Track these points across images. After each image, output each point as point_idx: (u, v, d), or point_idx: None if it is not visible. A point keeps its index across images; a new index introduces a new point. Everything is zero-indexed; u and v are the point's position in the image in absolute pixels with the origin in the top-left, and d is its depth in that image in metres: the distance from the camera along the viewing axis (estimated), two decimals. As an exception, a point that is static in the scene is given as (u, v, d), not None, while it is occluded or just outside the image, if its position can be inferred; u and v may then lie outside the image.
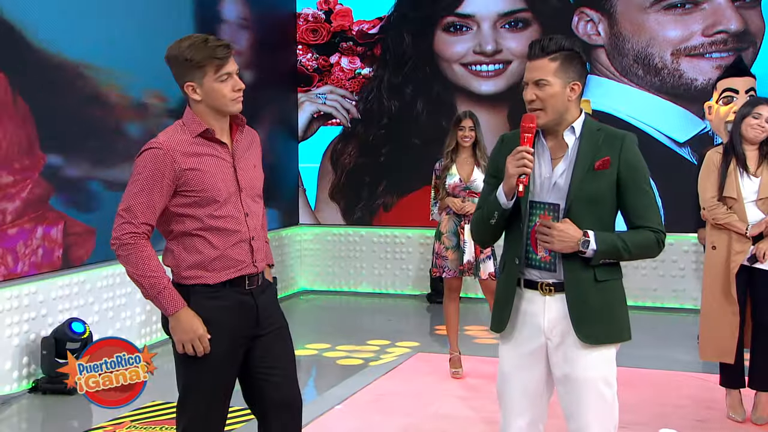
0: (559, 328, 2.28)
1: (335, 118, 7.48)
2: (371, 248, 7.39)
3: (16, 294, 4.32)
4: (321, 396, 4.41)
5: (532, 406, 2.35)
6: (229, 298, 2.42)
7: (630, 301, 2.11)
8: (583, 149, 2.27)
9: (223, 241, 2.40)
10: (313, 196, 7.57)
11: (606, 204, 2.27)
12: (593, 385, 2.26)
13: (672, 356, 5.12)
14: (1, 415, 4.07)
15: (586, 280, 2.25)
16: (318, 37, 7.50)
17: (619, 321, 2.31)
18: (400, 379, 4.64)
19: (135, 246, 2.35)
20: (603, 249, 2.22)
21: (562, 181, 2.27)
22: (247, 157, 2.50)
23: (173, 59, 2.38)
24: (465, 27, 7.04)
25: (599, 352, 2.26)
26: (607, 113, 6.65)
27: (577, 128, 2.30)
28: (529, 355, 2.33)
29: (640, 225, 2.27)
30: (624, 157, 2.27)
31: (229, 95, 2.38)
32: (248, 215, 2.45)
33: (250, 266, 2.45)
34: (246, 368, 2.49)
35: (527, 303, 2.32)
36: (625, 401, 4.12)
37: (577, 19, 6.77)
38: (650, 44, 6.58)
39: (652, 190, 2.32)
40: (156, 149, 2.36)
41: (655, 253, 2.31)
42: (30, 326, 4.38)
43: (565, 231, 2.21)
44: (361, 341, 5.59)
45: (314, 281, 7.56)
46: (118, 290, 5.08)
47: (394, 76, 7.27)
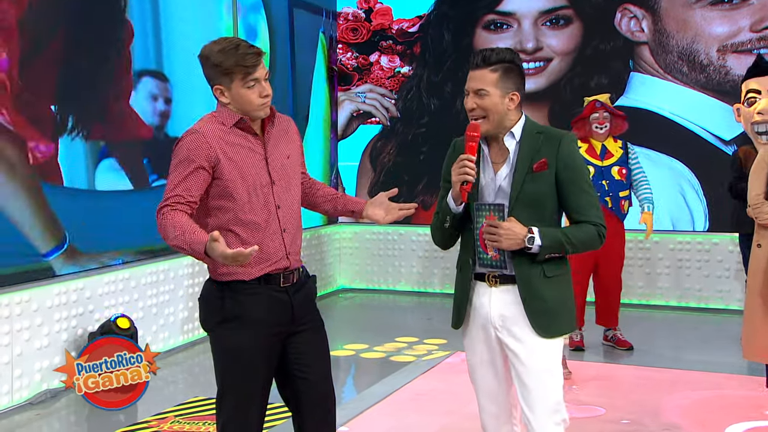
0: (504, 319, 2.42)
1: (374, 117, 7.51)
2: (410, 247, 7.40)
3: (63, 290, 4.43)
4: (359, 394, 4.43)
5: (499, 393, 2.51)
6: (264, 294, 2.44)
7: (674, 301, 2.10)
8: (523, 152, 2.40)
9: (253, 234, 2.42)
10: (352, 194, 7.60)
11: (547, 203, 2.40)
12: (539, 374, 2.39)
13: (717, 359, 5.03)
14: (51, 408, 4.18)
15: (536, 276, 2.38)
16: (358, 36, 7.53)
17: (569, 313, 2.45)
18: (438, 378, 4.64)
19: (163, 215, 2.35)
20: (547, 244, 2.35)
21: (505, 184, 2.41)
22: (280, 147, 2.50)
23: (204, 60, 2.42)
24: (505, 25, 7.00)
25: (548, 343, 2.40)
26: (651, 111, 6.55)
27: (516, 133, 2.43)
28: (484, 345, 2.48)
29: (580, 220, 2.41)
30: (561, 157, 2.39)
31: (255, 102, 2.40)
32: (280, 207, 2.47)
33: (284, 259, 2.47)
34: (281, 365, 2.52)
35: (477, 296, 2.48)
36: (669, 404, 4.08)
37: (620, 15, 6.67)
38: (695, 40, 6.46)
39: (592, 187, 2.43)
40: (193, 134, 2.40)
41: (597, 246, 2.44)
42: (78, 322, 4.49)
43: (511, 229, 2.34)
44: (400, 339, 5.60)
45: (353, 279, 7.59)
46: (162, 287, 5.18)
47: (433, 74, 7.27)
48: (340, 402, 4.45)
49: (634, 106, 6.45)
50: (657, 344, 5.40)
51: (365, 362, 5.14)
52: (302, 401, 2.52)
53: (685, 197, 6.55)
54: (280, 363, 2.52)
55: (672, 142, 6.55)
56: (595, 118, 5.05)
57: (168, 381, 4.67)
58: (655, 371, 4.75)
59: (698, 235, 6.50)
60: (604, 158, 5.06)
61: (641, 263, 6.59)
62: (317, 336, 2.56)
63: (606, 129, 5.06)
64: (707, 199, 6.45)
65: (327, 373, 2.57)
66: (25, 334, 4.18)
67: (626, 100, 6.54)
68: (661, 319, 6.22)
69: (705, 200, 6.48)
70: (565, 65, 6.82)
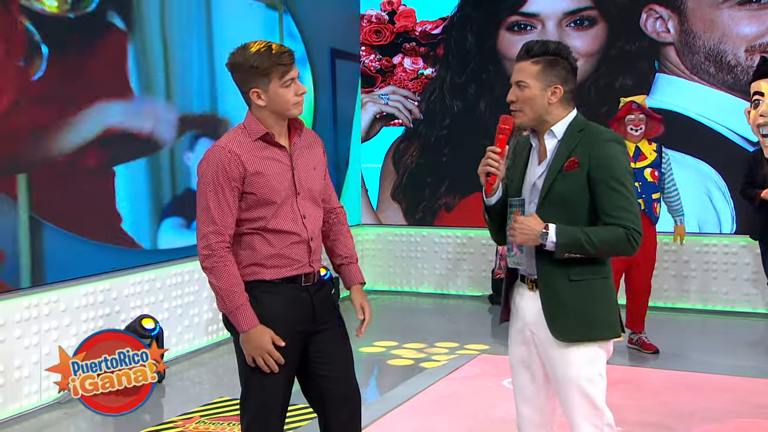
0: (538, 325, 2.38)
1: (398, 119, 7.51)
2: (432, 249, 7.40)
3: (91, 290, 4.49)
4: (382, 396, 4.44)
5: (536, 395, 2.45)
6: (285, 293, 2.47)
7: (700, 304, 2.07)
8: (560, 151, 2.35)
9: (280, 241, 2.45)
10: (375, 196, 7.63)
11: (579, 204, 2.32)
12: (575, 384, 2.32)
13: (744, 362, 4.98)
14: (78, 407, 4.23)
15: (560, 279, 2.32)
16: (381, 38, 7.54)
17: (597, 319, 2.34)
18: (462, 381, 4.64)
19: (222, 258, 2.40)
20: (562, 242, 2.27)
21: (539, 182, 2.38)
22: (306, 159, 2.53)
23: (238, 66, 2.43)
24: (529, 26, 6.97)
25: (579, 350, 2.32)
26: (677, 112, 6.49)
27: (557, 131, 2.38)
28: (523, 345, 2.45)
29: (609, 222, 2.30)
30: (594, 155, 2.31)
31: (292, 99, 2.44)
32: (305, 217, 2.49)
33: (307, 266, 2.50)
34: (304, 365, 2.54)
35: (519, 296, 2.46)
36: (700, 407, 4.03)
37: (645, 16, 6.62)
38: (723, 41, 6.40)
39: (626, 187, 2.31)
40: (220, 148, 2.43)
41: (627, 251, 2.31)
42: (105, 322, 4.55)
43: (526, 223, 2.30)
44: (423, 341, 5.60)
45: (376, 281, 7.60)
46: (187, 288, 5.23)
47: (456, 76, 7.26)
48: (363, 403, 4.46)
49: (659, 107, 6.38)
50: (683, 348, 5.35)
51: (388, 364, 5.14)
52: (326, 400, 2.53)
53: (712, 199, 6.49)
54: (302, 363, 2.54)
55: (698, 143, 6.49)
56: (631, 119, 5.02)
57: (194, 381, 4.71)
58: (682, 375, 4.71)
59: (725, 238, 6.43)
60: (637, 160, 5.03)
61: (667, 266, 6.53)
62: (338, 335, 2.58)
63: (641, 131, 5.03)
64: (734, 201, 6.38)
65: (350, 371, 2.58)
66: (53, 334, 4.24)
67: (652, 102, 6.47)
68: (687, 322, 6.15)
69: (732, 202, 6.41)
70: (589, 66, 6.78)
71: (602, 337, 2.36)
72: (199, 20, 5.45)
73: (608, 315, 2.37)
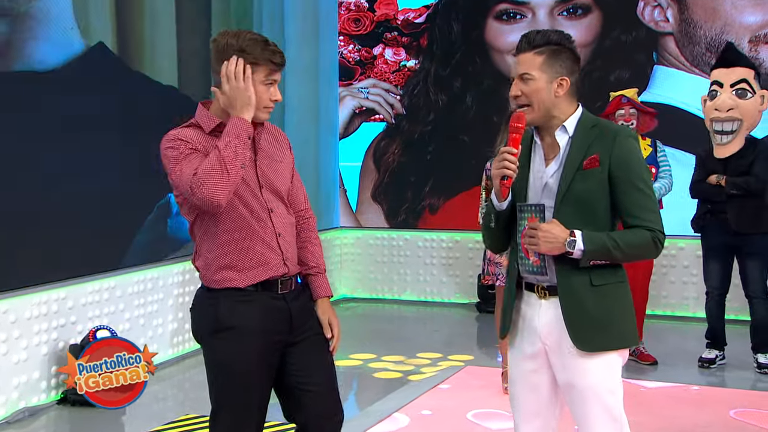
0: (555, 334, 2.36)
1: (378, 114, 7.49)
2: (416, 253, 7.37)
3: (44, 300, 4.41)
4: (363, 412, 4.40)
5: (540, 412, 2.45)
6: (260, 302, 2.46)
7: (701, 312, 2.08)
8: (574, 148, 2.34)
9: (249, 237, 2.44)
10: (354, 197, 7.59)
11: (598, 204, 2.34)
12: (594, 393, 2.33)
13: (749, 375, 4.99)
14: (30, 427, 4.14)
15: (581, 285, 2.32)
16: (360, 27, 7.52)
17: (619, 326, 2.37)
18: (448, 394, 4.61)
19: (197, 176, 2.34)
20: (591, 249, 2.27)
21: (552, 182, 2.35)
22: (271, 152, 2.54)
23: (226, 45, 2.42)
24: (519, 15, 6.98)
25: (599, 359, 2.33)
26: (676, 107, 6.52)
27: (569, 126, 2.37)
28: (531, 359, 2.42)
29: (634, 224, 2.31)
30: (615, 153, 2.32)
31: (265, 101, 2.46)
32: (272, 211, 2.50)
33: (282, 266, 2.49)
34: (282, 379, 2.51)
35: (526, 306, 2.43)
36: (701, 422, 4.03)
37: (642, 4, 6.65)
38: (725, 30, 6.43)
39: (649, 187, 2.34)
40: (176, 138, 2.43)
41: (653, 254, 2.34)
42: (59, 334, 4.47)
43: (550, 231, 2.28)
44: (405, 353, 5.57)
45: (355, 288, 7.56)
46: (150, 296, 5.15)
47: (441, 68, 7.25)
48: (341, 420, 4.43)
49: (657, 101, 6.42)
50: (683, 358, 5.36)
51: (368, 377, 5.11)
52: (308, 417, 2.50)
53: (713, 200, 6.51)
54: (279, 377, 2.51)
55: (699, 140, 6.51)
56: (621, 114, 5.02)
57: (157, 398, 4.64)
58: (682, 388, 4.72)
59: (727, 241, 6.45)
60: None
61: (666, 271, 6.55)
62: (318, 346, 2.56)
63: (633, 127, 5.03)
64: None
65: (333, 384, 2.57)
66: (1, 348, 4.15)
67: (649, 96, 6.52)
68: (687, 331, 6.17)
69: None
70: (583, 58, 6.73)
71: (623, 346, 2.37)
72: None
73: (629, 322, 2.39)
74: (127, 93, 5.13)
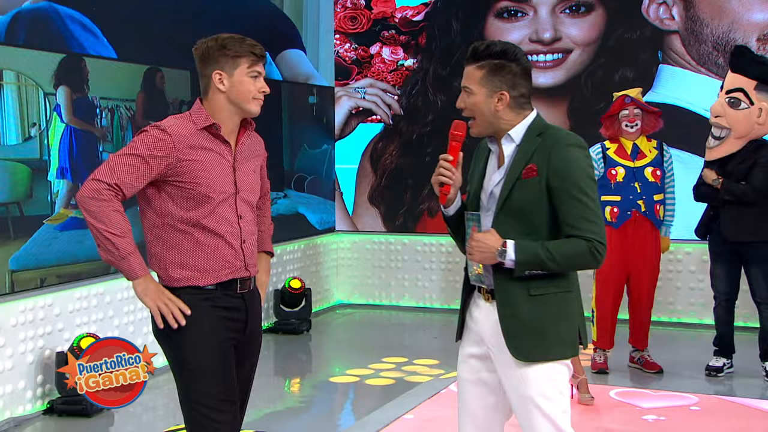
0: (494, 340, 2.43)
1: (375, 115, 7.49)
2: (415, 258, 7.37)
3: (30, 306, 4.40)
4: (360, 421, 4.40)
5: (483, 420, 2.50)
6: (221, 301, 2.61)
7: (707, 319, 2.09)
8: (517, 157, 2.40)
9: (213, 241, 2.57)
10: (350, 200, 7.59)
11: (537, 214, 2.38)
12: (535, 403, 2.37)
13: (758, 383, 4.99)
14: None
15: (518, 295, 2.37)
16: (357, 26, 7.52)
17: (555, 337, 2.40)
18: (447, 403, 4.61)
19: (109, 202, 2.48)
20: (522, 259, 2.32)
21: (497, 190, 2.42)
22: (249, 162, 2.69)
23: (205, 49, 2.58)
24: (520, 12, 6.99)
25: (540, 368, 2.38)
26: (682, 107, 6.53)
27: (515, 135, 2.42)
28: (477, 362, 2.50)
29: (571, 234, 2.35)
30: (552, 162, 2.35)
31: (253, 92, 2.58)
32: (242, 218, 2.64)
33: (242, 270, 2.64)
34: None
35: (475, 308, 2.51)
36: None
37: (648, 1, 6.66)
38: (732, 29, 6.44)
39: (589, 196, 2.35)
40: (161, 131, 2.53)
41: (592, 264, 2.37)
42: (45, 342, 4.46)
43: (483, 241, 2.35)
44: (404, 360, 5.57)
45: (352, 294, 7.56)
46: (140, 303, 5.13)
47: (440, 67, 7.26)
48: (336, 429, 4.43)
49: (663, 101, 6.43)
50: (690, 367, 5.36)
51: (365, 386, 5.10)
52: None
53: (720, 203, 6.51)
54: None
55: (705, 141, 6.53)
56: (625, 115, 5.01)
57: (147, 407, 4.63)
58: (688, 398, 4.71)
59: (735, 245, 6.45)
60: (636, 158, 5.03)
61: (672, 276, 6.55)
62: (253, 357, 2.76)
63: (637, 127, 5.02)
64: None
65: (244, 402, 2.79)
66: (-14, 355, 4.15)
67: (654, 96, 6.53)
68: (694, 338, 6.17)
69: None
70: (586, 57, 6.81)
71: (561, 356, 2.42)
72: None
73: (569, 332, 2.43)
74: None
